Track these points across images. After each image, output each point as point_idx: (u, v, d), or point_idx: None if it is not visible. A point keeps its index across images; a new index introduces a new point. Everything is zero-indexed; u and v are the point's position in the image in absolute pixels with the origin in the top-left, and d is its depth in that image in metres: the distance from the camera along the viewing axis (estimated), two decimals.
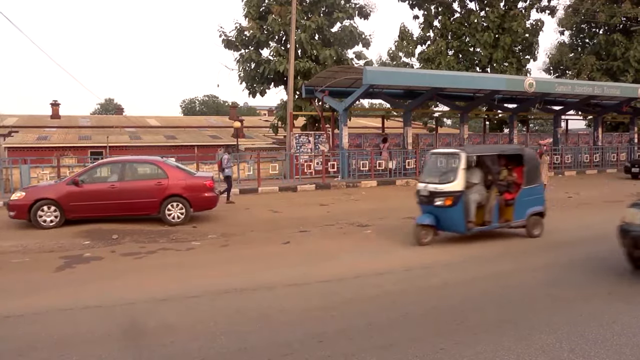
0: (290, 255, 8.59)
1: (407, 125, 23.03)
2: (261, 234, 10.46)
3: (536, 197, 9.49)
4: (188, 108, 76.06)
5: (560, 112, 27.92)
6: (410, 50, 30.18)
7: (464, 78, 22.15)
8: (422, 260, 7.87)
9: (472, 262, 7.83)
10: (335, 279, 6.88)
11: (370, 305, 5.82)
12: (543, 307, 5.66)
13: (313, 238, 9.99)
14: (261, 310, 5.64)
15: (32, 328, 5.20)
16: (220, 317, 5.40)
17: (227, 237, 10.05)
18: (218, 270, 7.59)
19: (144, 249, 9.04)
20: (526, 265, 7.60)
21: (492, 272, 7.25)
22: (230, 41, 25.49)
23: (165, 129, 41.58)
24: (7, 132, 30.04)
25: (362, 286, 6.60)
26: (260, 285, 6.57)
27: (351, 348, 4.54)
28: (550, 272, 7.14)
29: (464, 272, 7.24)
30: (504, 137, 27.32)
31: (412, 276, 7.07)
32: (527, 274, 7.07)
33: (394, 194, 17.42)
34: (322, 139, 22.73)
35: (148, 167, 12.10)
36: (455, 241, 9.16)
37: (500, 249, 8.72)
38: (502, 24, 28.92)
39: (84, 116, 49.36)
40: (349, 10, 25.90)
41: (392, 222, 11.63)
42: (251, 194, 17.39)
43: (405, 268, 7.45)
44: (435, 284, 6.68)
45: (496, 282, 6.71)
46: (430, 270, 7.35)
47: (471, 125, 30.61)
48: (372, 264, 7.76)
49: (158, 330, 5.06)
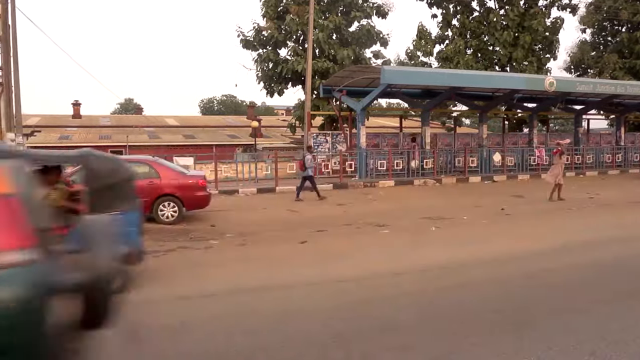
0: (307, 255, 8.59)
1: (425, 125, 22.92)
2: (278, 233, 10.49)
3: (124, 231, 4.73)
4: (206, 108, 76.69)
5: (582, 111, 27.48)
6: (428, 50, 29.99)
7: (483, 77, 21.96)
8: (440, 261, 7.81)
9: (490, 262, 7.75)
10: (352, 279, 6.86)
11: (387, 305, 5.79)
12: (563, 308, 5.57)
13: (330, 237, 9.99)
14: (278, 309, 5.64)
15: None
16: (236, 316, 5.42)
17: (244, 236, 10.09)
18: (235, 268, 7.63)
19: (163, 247, 9.12)
20: (547, 266, 7.50)
21: (510, 273, 7.16)
22: (248, 41, 25.63)
23: (183, 128, 41.96)
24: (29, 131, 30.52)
25: (378, 286, 6.58)
26: (277, 284, 6.59)
27: (368, 348, 4.52)
28: (571, 274, 7.03)
29: (481, 273, 7.16)
30: (524, 137, 27.01)
31: (429, 276, 7.02)
32: (548, 275, 6.97)
33: (411, 194, 17.34)
34: (340, 139, 22.72)
35: (140, 166, 11.94)
36: (472, 242, 9.08)
37: (529, 250, 8.61)
38: (521, 22, 28.55)
39: (104, 116, 50.06)
40: (366, 10, 25.87)
41: (409, 222, 11.58)
42: (269, 194, 17.45)
43: (423, 268, 7.40)
44: (452, 284, 6.61)
45: (515, 283, 6.63)
46: (448, 271, 7.28)
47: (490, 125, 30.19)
48: (389, 264, 7.72)
49: (175, 328, 5.09)
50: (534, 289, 6.38)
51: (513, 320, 5.21)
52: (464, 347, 4.53)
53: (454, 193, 17.58)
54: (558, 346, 4.48)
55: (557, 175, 14.78)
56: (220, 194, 16.69)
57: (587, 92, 23.41)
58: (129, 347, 4.61)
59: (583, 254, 8.22)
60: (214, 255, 8.62)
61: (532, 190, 18.02)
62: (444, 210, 13.21)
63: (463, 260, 7.87)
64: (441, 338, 4.78)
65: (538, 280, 6.80)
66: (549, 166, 24.70)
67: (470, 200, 15.40)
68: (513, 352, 4.38)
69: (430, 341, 4.71)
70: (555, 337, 4.70)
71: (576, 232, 10.26)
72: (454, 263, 7.67)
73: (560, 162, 15.07)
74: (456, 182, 21.03)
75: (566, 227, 10.93)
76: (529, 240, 9.35)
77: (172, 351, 4.55)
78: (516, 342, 4.59)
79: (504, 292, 6.24)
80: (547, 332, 4.83)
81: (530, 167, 24.21)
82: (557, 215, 12.45)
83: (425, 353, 4.44)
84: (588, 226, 11.03)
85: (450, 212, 12.77)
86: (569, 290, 6.31)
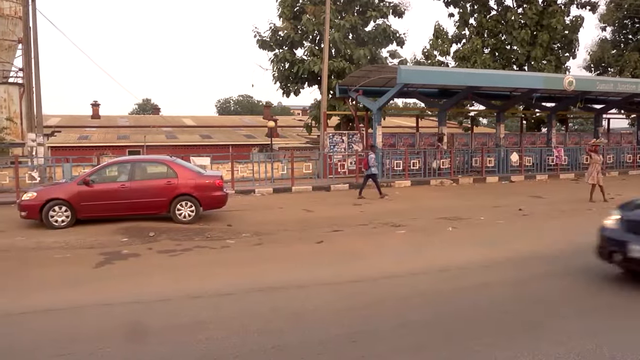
0: (323, 255, 8.60)
1: (442, 124, 22.79)
2: (294, 233, 10.51)
3: None
4: (223, 108, 77.14)
5: (602, 110, 27.06)
6: (445, 49, 29.78)
7: (500, 76, 21.73)
8: (456, 262, 7.76)
9: (507, 263, 7.68)
10: (369, 279, 6.87)
11: (404, 305, 5.78)
12: (582, 310, 5.52)
13: (346, 237, 9.99)
14: (294, 309, 5.67)
15: (72, 321, 5.38)
16: (253, 315, 5.45)
17: (260, 236, 10.14)
18: (252, 268, 7.67)
19: (180, 247, 9.20)
20: (565, 267, 7.41)
21: (530, 275, 7.08)
22: (264, 41, 25.71)
23: (200, 128, 42.27)
24: (50, 132, 31.05)
25: (395, 286, 6.57)
26: (294, 284, 6.61)
27: (384, 348, 4.52)
28: (591, 275, 6.94)
29: (500, 274, 7.11)
30: (542, 137, 26.70)
31: (446, 277, 6.99)
32: (567, 277, 6.90)
33: (428, 194, 17.25)
34: (356, 139, 22.68)
35: (158, 166, 12.13)
36: (489, 243, 9.01)
37: (545, 251, 8.53)
38: (540, 20, 28.21)
39: (122, 116, 50.65)
40: (382, 9, 25.79)
41: (426, 222, 11.53)
42: (285, 193, 17.50)
43: (440, 269, 7.37)
44: (469, 285, 6.58)
45: (534, 285, 6.57)
46: (465, 271, 7.24)
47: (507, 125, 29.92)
48: (405, 264, 7.71)
49: (193, 326, 5.14)
50: (552, 291, 6.32)
51: (530, 321, 5.17)
52: (479, 348, 4.50)
53: (471, 193, 17.45)
54: (576, 349, 4.44)
55: (590, 175, 14.50)
56: (236, 193, 16.78)
57: (608, 91, 23.03)
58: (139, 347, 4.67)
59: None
60: (230, 255, 8.68)
61: (551, 190, 17.82)
62: (461, 210, 13.13)
63: (479, 260, 7.81)
64: (456, 339, 4.76)
65: (556, 281, 6.74)
66: (567, 166, 24.51)
67: (487, 200, 15.28)
68: (530, 354, 4.35)
69: (445, 342, 4.69)
70: (573, 340, 4.65)
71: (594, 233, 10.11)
72: (471, 263, 7.63)
73: (592, 161, 14.74)
74: (473, 182, 20.87)
75: (585, 229, 10.76)
76: (547, 241, 9.25)
77: (188, 350, 4.59)
78: (533, 344, 4.55)
79: (521, 294, 6.19)
80: (565, 335, 4.78)
81: (548, 167, 23.92)
82: (577, 216, 12.29)
83: (439, 354, 4.43)
84: None
85: (467, 213, 12.69)
86: (588, 291, 6.24)
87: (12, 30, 29.49)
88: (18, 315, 5.55)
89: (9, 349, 4.66)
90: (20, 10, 22.91)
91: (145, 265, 7.94)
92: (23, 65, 19.83)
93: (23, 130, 26.94)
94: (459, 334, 4.88)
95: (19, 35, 28.15)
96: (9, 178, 17.64)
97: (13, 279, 7.23)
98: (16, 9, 28.22)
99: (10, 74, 30.32)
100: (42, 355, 4.49)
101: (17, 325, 5.27)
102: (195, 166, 13.98)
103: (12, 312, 5.62)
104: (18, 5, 27.24)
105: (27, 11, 19.07)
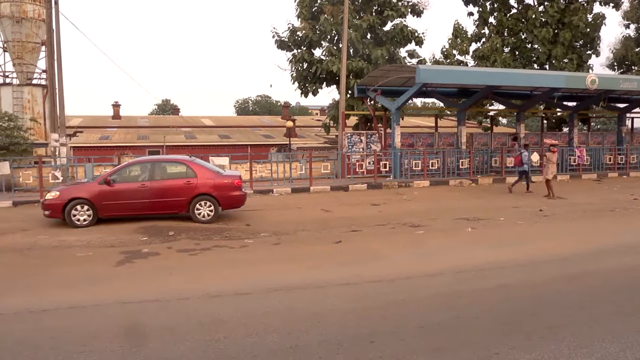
0: (341, 255, 8.59)
1: (461, 124, 22.60)
2: (313, 233, 10.52)
3: None
4: (241, 108, 77.48)
5: (626, 109, 26.56)
6: (464, 48, 29.54)
7: (520, 75, 21.44)
8: (476, 263, 7.69)
9: (528, 265, 7.58)
10: (387, 279, 6.84)
11: (422, 306, 5.75)
12: (605, 313, 5.41)
13: (364, 238, 9.96)
14: (312, 308, 5.67)
15: (93, 319, 5.45)
16: (271, 315, 5.46)
17: (279, 236, 10.17)
18: (270, 267, 7.69)
19: (199, 246, 9.27)
20: (587, 268, 7.29)
21: (549, 276, 6.99)
22: (283, 41, 25.79)
23: (219, 128, 42.53)
24: (72, 132, 31.60)
25: (413, 287, 6.53)
26: (312, 284, 6.62)
27: (402, 349, 4.50)
28: (612, 277, 6.82)
29: (520, 275, 7.03)
30: (563, 136, 26.30)
31: (465, 278, 6.92)
32: (588, 278, 6.78)
33: (446, 195, 17.12)
34: (374, 139, 22.61)
35: (177, 166, 12.23)
36: (508, 244, 8.90)
37: (566, 252, 8.40)
38: (561, 18, 27.79)
39: (142, 116, 51.21)
40: (401, 9, 25.68)
41: (445, 223, 11.44)
42: (303, 193, 17.52)
43: (458, 270, 7.30)
44: (488, 286, 6.51)
45: (553, 286, 6.46)
46: (484, 273, 7.17)
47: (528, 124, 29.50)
48: (424, 265, 7.66)
49: (212, 325, 5.17)
50: (573, 293, 6.21)
51: (551, 324, 5.08)
52: (498, 350, 4.45)
53: (491, 193, 17.27)
54: (599, 352, 4.36)
55: (547, 172, 16.15)
56: (255, 193, 16.86)
57: (632, 89, 22.56)
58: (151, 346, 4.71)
59: (625, 257, 7.97)
60: (248, 255, 8.72)
61: (572, 190, 17.56)
62: (480, 210, 13.01)
63: (499, 262, 7.73)
64: (476, 341, 4.71)
65: (578, 283, 6.63)
66: (589, 167, 24.12)
67: (507, 201, 15.12)
68: (551, 357, 4.28)
69: (464, 344, 4.65)
70: (595, 343, 4.57)
71: (618, 234, 9.96)
72: (490, 265, 7.55)
73: (548, 160, 16.11)
74: (492, 182, 20.65)
75: (608, 230, 10.61)
76: (568, 242, 9.11)
77: (206, 349, 4.62)
78: (554, 347, 4.48)
79: (542, 296, 6.10)
80: (588, 338, 4.70)
81: (570, 168, 23.57)
82: (599, 216, 12.09)
83: (459, 355, 4.39)
84: (630, 229, 10.68)
85: (486, 213, 12.57)
86: (611, 294, 6.12)
87: (35, 32, 30.07)
88: (40, 312, 5.65)
89: (30, 345, 4.74)
90: (44, 13, 23.31)
91: (164, 264, 8.02)
92: (46, 67, 20.21)
93: (46, 130, 27.47)
94: (479, 336, 4.83)
95: (43, 38, 28.73)
96: (32, 178, 17.99)
97: (36, 277, 7.36)
98: (40, 11, 28.75)
99: (34, 76, 30.91)
100: (62, 351, 4.56)
101: (39, 322, 5.37)
102: (214, 166, 14.07)
103: (34, 309, 5.72)
104: (41, 8, 27.75)
105: (50, 14, 19.42)
